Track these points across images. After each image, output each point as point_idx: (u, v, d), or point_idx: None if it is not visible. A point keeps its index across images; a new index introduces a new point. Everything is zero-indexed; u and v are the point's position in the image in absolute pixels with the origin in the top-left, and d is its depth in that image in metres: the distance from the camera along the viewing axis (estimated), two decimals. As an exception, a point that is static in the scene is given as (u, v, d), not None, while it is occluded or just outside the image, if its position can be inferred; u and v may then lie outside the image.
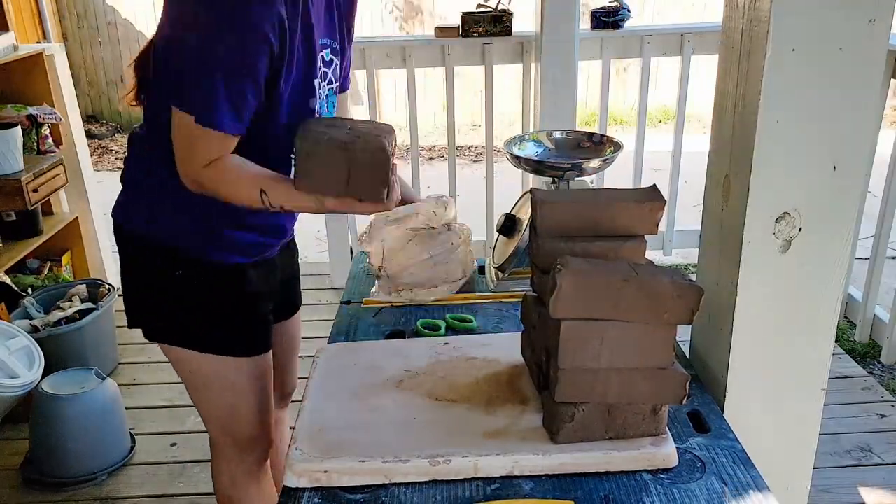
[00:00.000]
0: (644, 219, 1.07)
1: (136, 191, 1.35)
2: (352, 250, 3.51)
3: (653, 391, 1.01)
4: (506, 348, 1.30)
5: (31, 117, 3.03)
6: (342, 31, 1.36)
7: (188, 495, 2.26)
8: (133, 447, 2.45)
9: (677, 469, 1.03)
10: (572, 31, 3.01)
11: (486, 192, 3.50)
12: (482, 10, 3.24)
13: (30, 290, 2.97)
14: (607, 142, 1.62)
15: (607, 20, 3.26)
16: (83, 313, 2.72)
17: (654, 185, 1.13)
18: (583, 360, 0.99)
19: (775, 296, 1.17)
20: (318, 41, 1.26)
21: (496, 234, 1.63)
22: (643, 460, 1.02)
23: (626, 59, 3.52)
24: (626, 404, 1.03)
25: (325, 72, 1.30)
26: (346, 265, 3.32)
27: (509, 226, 1.55)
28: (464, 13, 3.21)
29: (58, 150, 3.16)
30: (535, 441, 1.05)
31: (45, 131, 3.10)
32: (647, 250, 1.08)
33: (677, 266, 3.74)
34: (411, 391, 1.18)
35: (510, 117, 6.56)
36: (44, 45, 3.31)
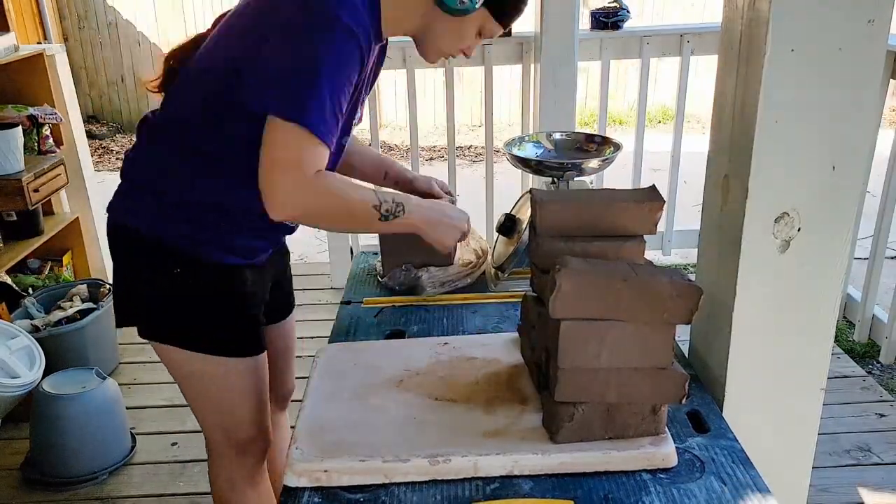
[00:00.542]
0: (643, 219, 1.07)
1: (142, 187, 1.33)
2: (352, 250, 3.51)
3: (652, 391, 1.02)
4: (506, 348, 1.30)
5: (31, 118, 3.03)
6: (375, 73, 1.44)
7: (189, 495, 2.26)
8: (134, 447, 2.45)
9: (677, 469, 1.03)
10: (572, 31, 3.01)
11: (486, 192, 3.50)
12: (482, 10, 3.23)
13: (30, 290, 2.98)
14: (606, 142, 1.62)
15: (607, 21, 3.26)
16: (84, 313, 2.73)
17: (654, 185, 1.13)
18: (582, 359, 0.99)
19: (774, 296, 1.17)
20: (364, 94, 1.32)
21: (496, 234, 1.63)
22: (643, 460, 1.02)
23: (625, 59, 3.52)
24: (626, 404, 1.03)
25: (361, 113, 1.38)
26: (346, 265, 3.32)
27: (509, 226, 1.56)
28: (464, 13, 3.20)
29: (58, 150, 3.16)
30: (534, 441, 1.05)
31: (46, 131, 3.10)
32: (646, 250, 1.09)
33: (677, 266, 3.75)
34: (411, 391, 1.18)
35: (510, 118, 6.58)
36: (44, 46, 3.31)
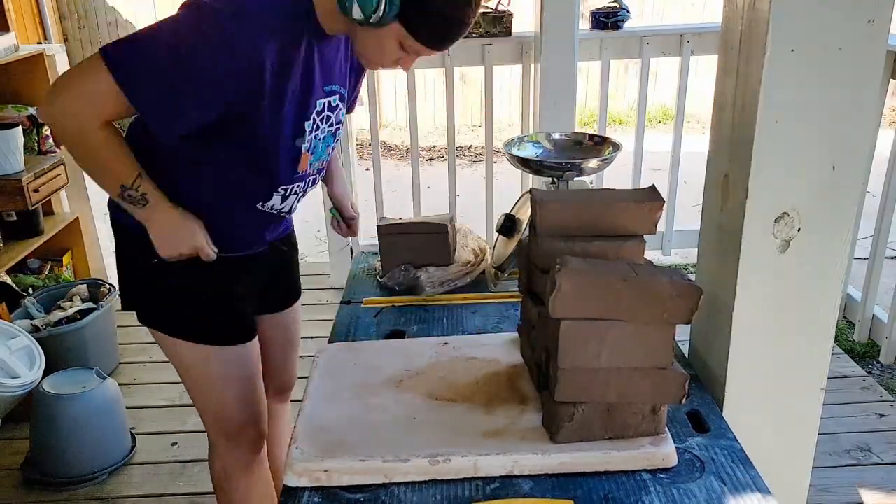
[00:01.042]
0: (643, 219, 1.07)
1: None
2: (352, 250, 3.51)
3: (652, 391, 1.02)
4: (506, 348, 1.30)
5: (31, 117, 3.03)
6: (352, 81, 1.41)
7: (189, 495, 2.26)
8: (134, 447, 2.45)
9: (676, 469, 1.03)
10: (572, 31, 3.01)
11: (486, 192, 3.50)
12: (482, 10, 3.24)
13: (30, 290, 2.98)
14: (606, 142, 1.62)
15: (607, 21, 3.26)
16: (84, 313, 2.73)
17: (653, 185, 1.13)
18: (582, 359, 0.99)
19: (774, 296, 1.17)
20: (323, 87, 1.29)
21: (496, 235, 1.63)
22: (642, 460, 1.02)
23: (625, 59, 3.52)
24: (626, 404, 1.03)
25: (327, 115, 1.33)
26: (346, 265, 3.32)
27: (509, 226, 1.56)
28: (464, 13, 3.20)
29: (58, 150, 3.16)
30: (534, 440, 1.05)
31: (46, 131, 3.10)
32: (646, 250, 1.09)
33: (677, 266, 3.75)
34: (411, 391, 1.18)
35: (510, 118, 6.58)
36: (45, 46, 3.31)
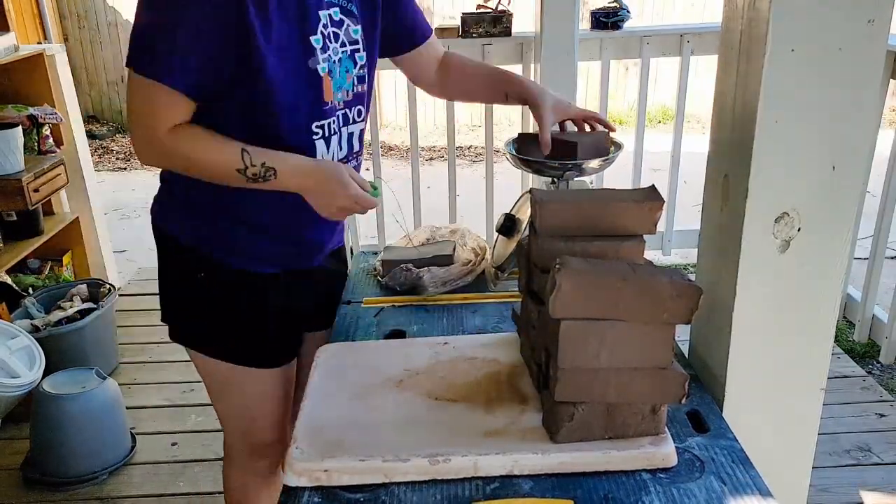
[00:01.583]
0: (643, 218, 1.07)
1: (167, 188, 1.36)
2: (351, 250, 3.51)
3: (652, 391, 1.02)
4: (506, 348, 1.30)
5: (31, 117, 3.03)
6: None
7: (189, 494, 2.26)
8: (134, 447, 2.45)
9: (676, 468, 1.03)
10: (572, 31, 3.01)
11: (486, 192, 3.50)
12: (482, 10, 3.24)
13: (30, 290, 2.98)
14: (608, 142, 1.62)
15: (607, 21, 3.26)
16: (84, 313, 2.73)
17: (653, 185, 1.13)
18: (582, 359, 0.99)
19: (774, 296, 1.17)
20: None
21: (496, 234, 1.63)
22: (642, 460, 1.02)
23: (625, 59, 3.52)
24: (626, 404, 1.03)
25: (333, 32, 1.21)
26: (346, 265, 3.32)
27: (509, 226, 1.56)
28: (464, 14, 3.21)
29: (58, 150, 3.16)
30: (534, 440, 1.05)
31: (46, 131, 3.11)
32: (646, 250, 1.09)
33: (677, 266, 3.75)
34: (411, 391, 1.18)
35: (510, 118, 6.57)
36: (44, 46, 3.31)
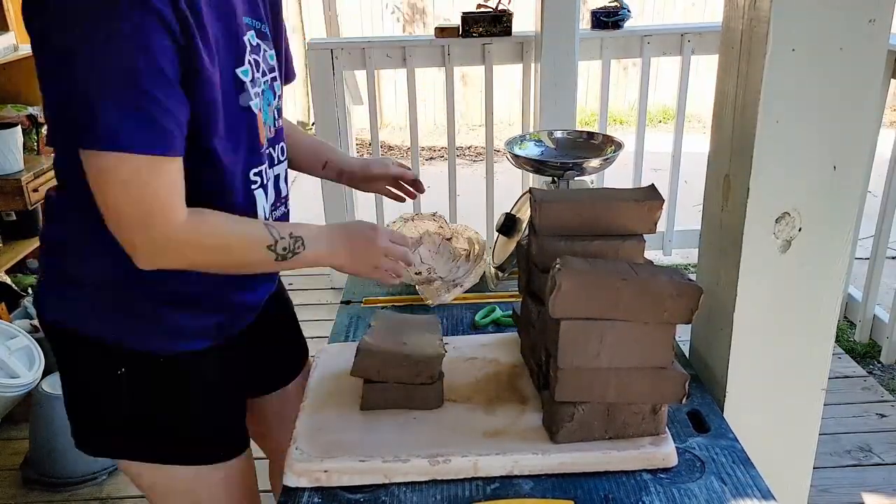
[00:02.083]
0: (643, 218, 1.07)
1: (58, 271, 1.09)
2: (352, 250, 3.50)
3: (652, 391, 1.01)
4: (506, 348, 1.30)
5: (31, 117, 3.03)
6: (266, 9, 1.12)
7: (188, 495, 2.26)
8: (133, 447, 2.45)
9: (677, 469, 1.03)
10: (572, 31, 3.01)
11: (486, 192, 3.50)
12: (482, 10, 3.24)
13: (30, 290, 2.97)
14: (608, 141, 1.62)
15: (607, 20, 3.26)
16: (83, 313, 2.72)
17: (653, 184, 1.13)
18: (582, 359, 0.99)
19: (775, 296, 1.17)
20: (242, 19, 1.02)
21: (496, 234, 1.63)
22: (643, 460, 1.02)
23: (626, 59, 3.52)
24: (626, 404, 1.03)
25: (254, 59, 1.05)
26: (346, 265, 3.32)
27: (509, 226, 1.56)
28: (464, 13, 3.21)
29: (58, 150, 3.16)
30: (534, 441, 1.05)
31: (46, 131, 3.10)
32: (647, 250, 1.09)
33: (677, 266, 3.74)
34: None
35: (510, 117, 6.57)
36: (44, 45, 3.31)
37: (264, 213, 1.13)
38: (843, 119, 1.08)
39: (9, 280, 2.93)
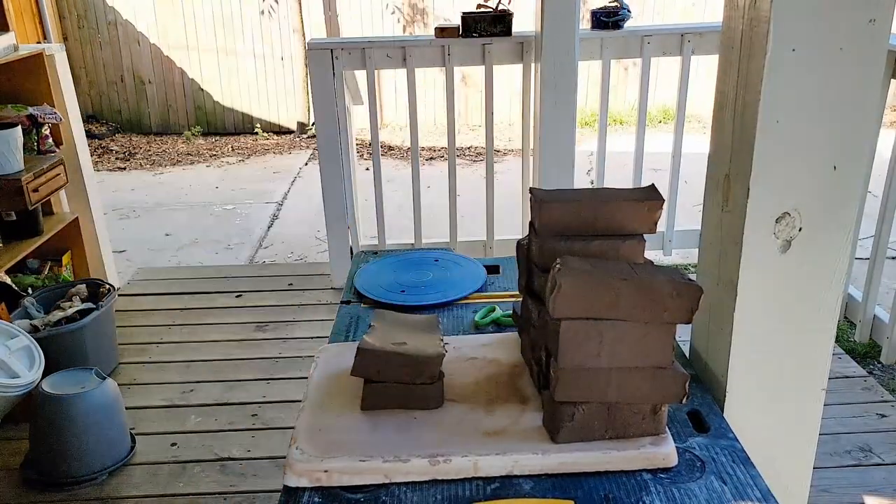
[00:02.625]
0: (642, 218, 1.07)
1: None
2: (351, 250, 3.51)
3: (652, 390, 1.01)
4: (506, 348, 1.30)
5: (31, 117, 3.03)
6: None
7: (188, 495, 2.26)
8: (133, 447, 2.45)
9: (677, 468, 1.03)
10: (572, 31, 3.01)
11: (486, 192, 3.50)
12: (482, 10, 3.24)
13: (30, 290, 2.97)
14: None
15: (607, 20, 3.26)
16: (83, 313, 2.72)
17: (653, 184, 1.13)
18: (582, 359, 0.99)
19: (775, 296, 1.17)
20: None
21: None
22: (643, 460, 1.02)
23: (626, 59, 3.52)
24: (626, 404, 1.03)
25: None
26: (346, 265, 3.32)
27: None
28: (464, 13, 3.21)
29: (58, 150, 3.16)
30: (534, 440, 1.05)
31: (46, 131, 3.10)
32: (647, 250, 1.09)
33: (677, 266, 3.74)
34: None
35: (510, 117, 6.58)
36: (44, 45, 3.31)
37: None
38: (843, 119, 1.08)
39: (9, 280, 2.93)
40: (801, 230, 1.13)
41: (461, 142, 6.32)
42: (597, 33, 3.27)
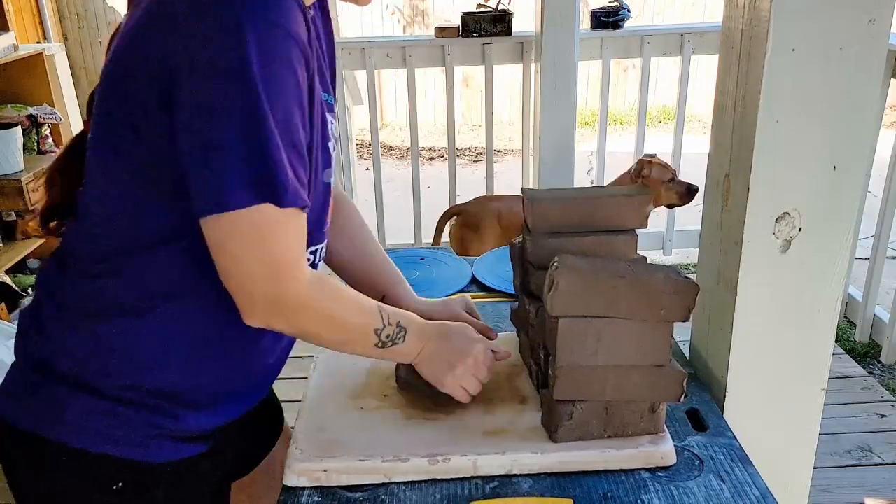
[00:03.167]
0: (633, 213, 1.09)
1: (49, 374, 0.92)
2: (352, 250, 3.50)
3: (650, 389, 1.01)
4: (505, 348, 1.30)
5: (31, 117, 3.03)
6: (332, 81, 1.06)
7: (188, 495, 2.25)
8: (133, 447, 2.44)
9: (676, 467, 1.03)
10: (572, 31, 3.01)
11: (486, 192, 3.50)
12: (482, 10, 3.24)
13: (30, 290, 2.98)
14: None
15: (607, 20, 3.27)
16: (83, 313, 2.72)
17: (642, 180, 1.13)
18: (580, 357, 0.99)
19: (775, 296, 1.17)
20: (323, 94, 0.95)
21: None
22: (641, 458, 1.02)
23: (626, 59, 3.52)
24: (625, 402, 1.03)
25: (332, 133, 1.00)
26: (346, 265, 3.32)
27: None
28: (464, 13, 3.21)
29: (58, 150, 3.16)
30: (533, 440, 1.05)
31: (46, 131, 3.11)
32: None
33: (677, 266, 3.74)
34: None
35: (510, 117, 6.58)
36: (44, 46, 3.32)
37: None
38: (843, 119, 1.08)
39: (9, 280, 2.94)
40: (801, 230, 1.13)
41: (461, 142, 6.32)
42: (597, 33, 3.27)
